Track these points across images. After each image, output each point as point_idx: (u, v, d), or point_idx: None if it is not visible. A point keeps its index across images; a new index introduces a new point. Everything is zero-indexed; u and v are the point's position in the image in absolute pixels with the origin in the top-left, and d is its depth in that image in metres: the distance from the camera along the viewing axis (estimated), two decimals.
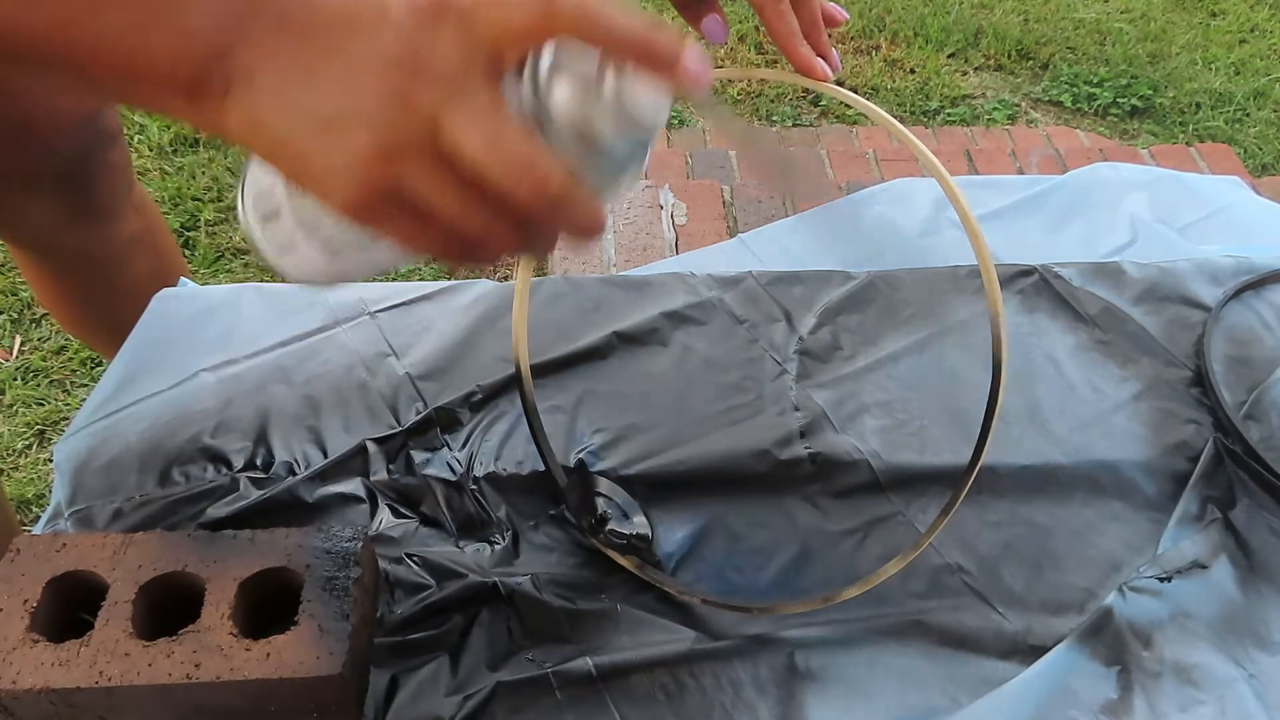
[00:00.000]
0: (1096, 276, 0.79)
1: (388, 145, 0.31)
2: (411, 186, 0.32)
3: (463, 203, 0.32)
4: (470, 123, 0.31)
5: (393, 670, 0.54)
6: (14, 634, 0.48)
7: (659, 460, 0.65)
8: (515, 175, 0.32)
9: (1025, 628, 0.57)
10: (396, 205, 0.33)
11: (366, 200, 0.32)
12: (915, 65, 2.41)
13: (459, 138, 0.31)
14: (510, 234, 0.34)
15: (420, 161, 0.32)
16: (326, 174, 0.32)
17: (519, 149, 0.32)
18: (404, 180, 0.32)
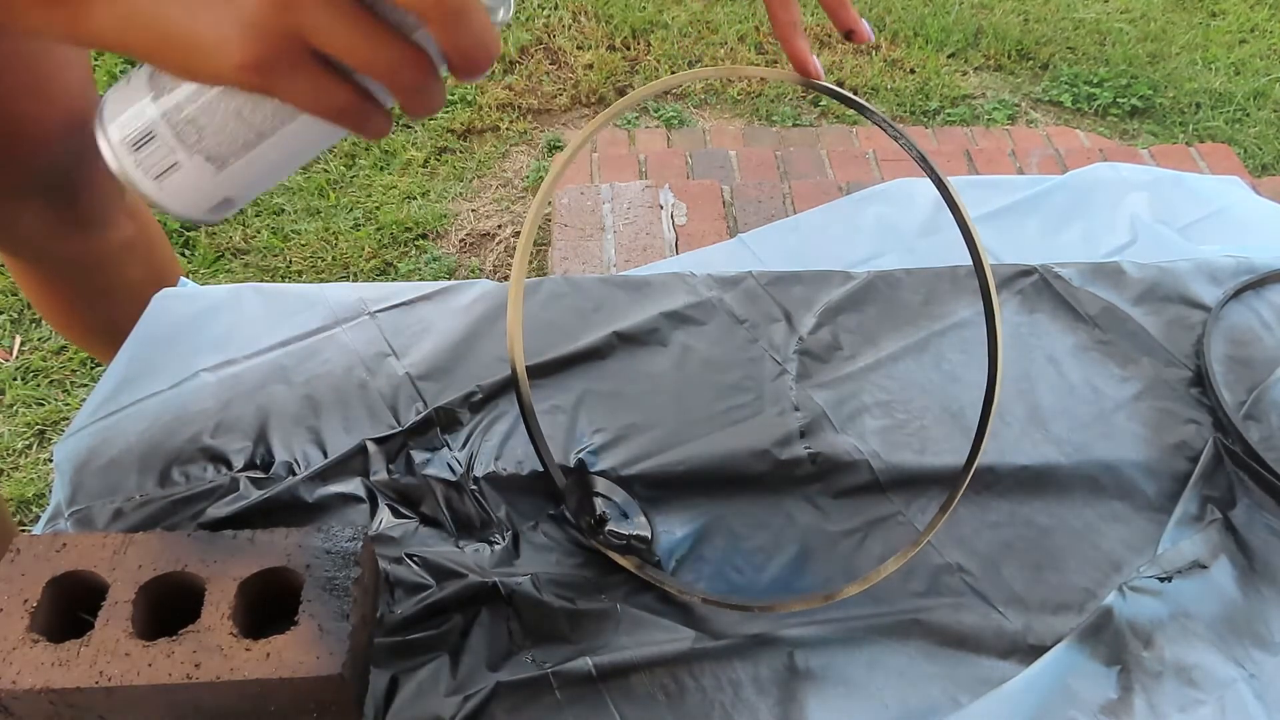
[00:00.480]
0: (1096, 276, 0.79)
1: None
2: (312, 33, 0.31)
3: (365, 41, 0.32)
4: None
5: (393, 670, 0.54)
6: (14, 634, 0.48)
7: (659, 460, 0.65)
8: None
9: (1025, 627, 0.57)
10: (298, 61, 0.32)
11: (269, 55, 0.31)
12: (915, 65, 2.41)
13: None
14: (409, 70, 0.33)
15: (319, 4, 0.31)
16: (219, 40, 0.31)
17: None
18: (304, 27, 0.31)
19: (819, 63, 0.50)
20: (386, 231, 1.89)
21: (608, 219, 1.62)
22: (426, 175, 2.05)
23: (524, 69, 2.36)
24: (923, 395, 0.70)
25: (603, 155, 1.94)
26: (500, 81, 2.31)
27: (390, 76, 0.33)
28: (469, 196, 2.01)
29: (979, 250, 0.46)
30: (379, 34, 0.32)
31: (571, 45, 2.41)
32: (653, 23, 2.47)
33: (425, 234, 1.91)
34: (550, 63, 2.38)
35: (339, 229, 1.89)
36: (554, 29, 2.46)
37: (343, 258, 1.84)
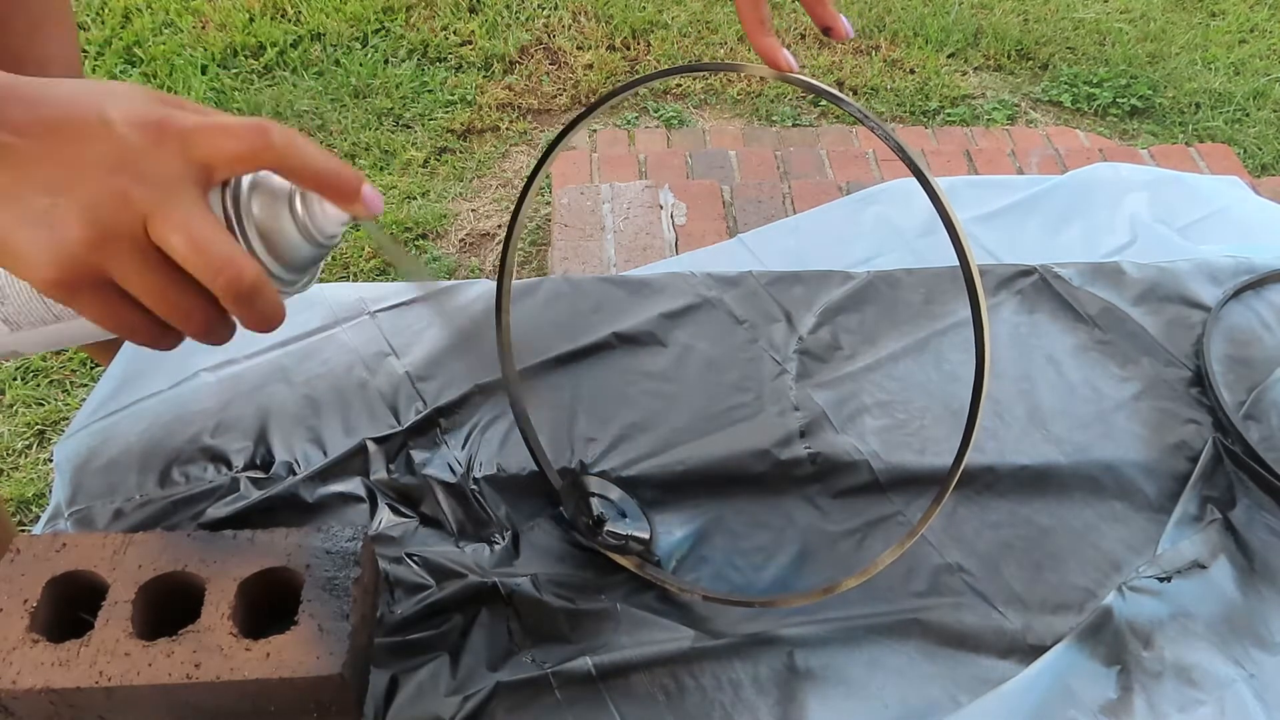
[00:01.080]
0: (1096, 276, 0.79)
1: (99, 234, 0.35)
2: (117, 271, 0.36)
3: (161, 289, 0.36)
4: (178, 221, 0.35)
5: (393, 670, 0.54)
6: (14, 634, 0.48)
7: (659, 460, 0.65)
8: (215, 267, 0.36)
9: (1025, 627, 0.57)
10: (99, 287, 0.36)
11: (70, 280, 0.35)
12: (915, 65, 2.41)
13: (167, 232, 0.35)
14: (199, 319, 0.38)
15: (128, 250, 0.35)
16: (32, 256, 0.35)
17: (220, 247, 0.36)
18: (109, 266, 0.35)
19: (791, 56, 0.50)
20: (386, 231, 1.89)
21: (608, 219, 1.62)
22: (426, 175, 2.05)
23: (524, 69, 2.36)
24: (923, 395, 0.70)
25: (603, 155, 1.94)
26: (500, 81, 2.31)
27: (181, 322, 0.38)
28: (469, 196, 2.01)
29: (964, 248, 0.45)
30: (176, 286, 0.37)
31: (571, 45, 2.41)
32: (653, 23, 2.47)
33: (425, 234, 1.91)
34: (550, 63, 2.38)
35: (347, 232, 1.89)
36: (554, 29, 2.46)
37: (342, 257, 1.84)
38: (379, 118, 2.18)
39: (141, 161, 0.35)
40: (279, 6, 2.43)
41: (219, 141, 0.36)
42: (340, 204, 0.39)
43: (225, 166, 0.37)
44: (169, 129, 0.36)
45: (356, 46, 2.37)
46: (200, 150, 0.36)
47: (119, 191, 0.35)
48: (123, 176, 0.35)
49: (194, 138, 0.36)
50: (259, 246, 0.38)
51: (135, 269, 0.36)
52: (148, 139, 0.36)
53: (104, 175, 0.35)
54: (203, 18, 2.38)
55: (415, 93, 2.25)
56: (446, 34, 2.42)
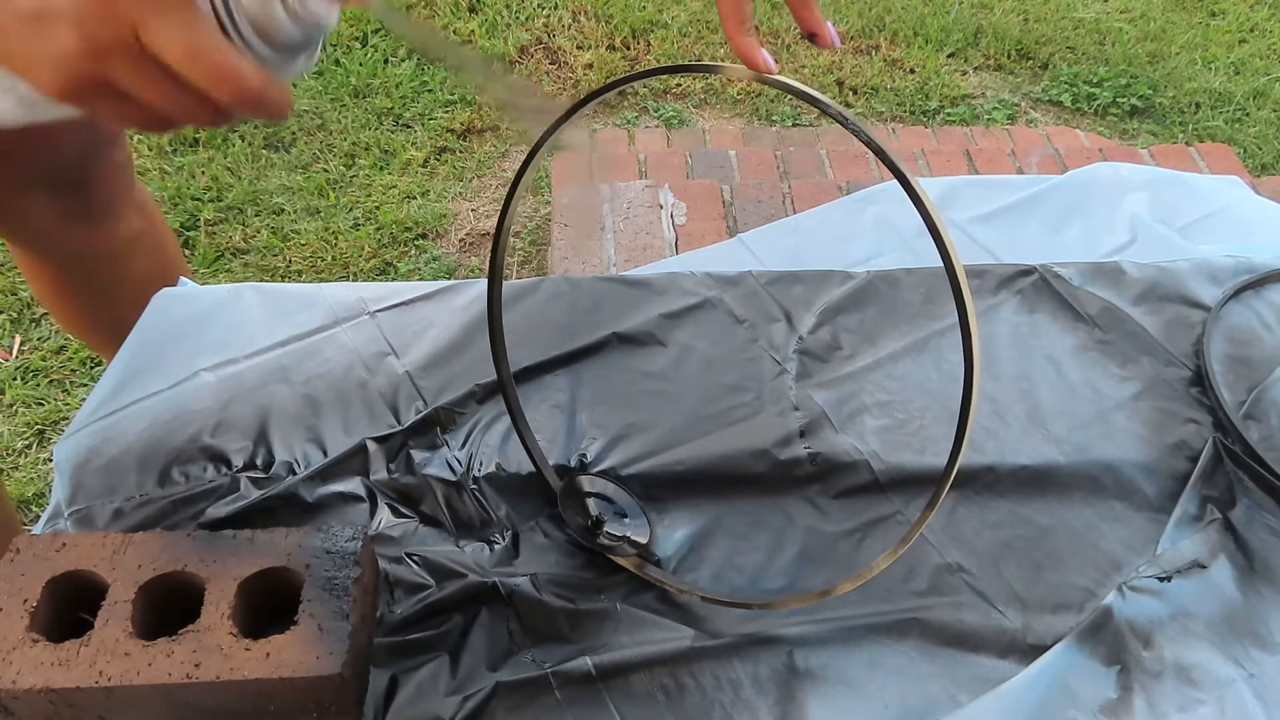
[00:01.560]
0: (1096, 276, 0.79)
1: (92, 44, 0.35)
2: (116, 78, 0.36)
3: (165, 93, 0.36)
4: (169, 33, 0.35)
5: (393, 670, 0.54)
6: (14, 634, 0.48)
7: (659, 460, 0.65)
8: (215, 79, 0.36)
9: (1025, 627, 0.57)
10: (103, 92, 0.36)
11: (74, 88, 0.36)
12: (915, 65, 2.41)
13: (160, 45, 0.35)
14: (207, 113, 0.38)
15: (124, 58, 0.35)
16: (34, 63, 0.35)
17: (216, 55, 0.35)
18: (109, 73, 0.35)
19: (769, 57, 0.49)
20: (386, 231, 1.89)
21: (608, 219, 1.62)
22: (426, 175, 2.05)
23: (524, 69, 2.36)
24: (922, 395, 0.70)
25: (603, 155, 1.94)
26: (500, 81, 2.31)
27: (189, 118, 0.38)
28: (469, 196, 2.01)
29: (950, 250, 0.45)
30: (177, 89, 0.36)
31: (571, 45, 2.41)
32: (652, 22, 2.47)
33: (425, 234, 1.91)
34: (550, 62, 2.38)
35: (339, 229, 1.89)
36: (554, 29, 2.47)
37: (342, 257, 1.84)
38: (379, 117, 2.18)
39: None
40: None
41: None
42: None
43: None
44: None
45: (356, 46, 2.37)
46: None
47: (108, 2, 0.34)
48: None
49: None
50: (252, 36, 0.38)
51: (134, 77, 0.36)
52: None
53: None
54: None
55: (415, 92, 2.25)
56: (446, 34, 2.42)
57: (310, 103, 2.19)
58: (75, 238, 0.93)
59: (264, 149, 2.08)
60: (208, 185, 1.88)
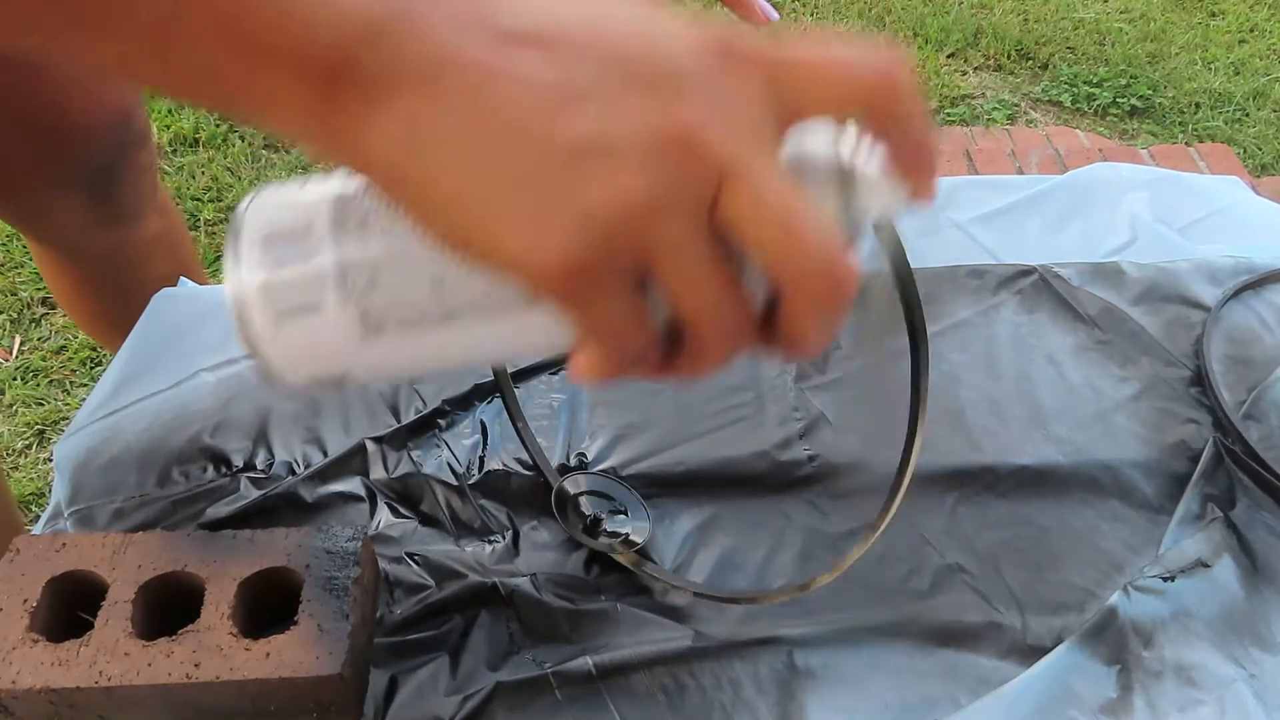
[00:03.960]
0: (1096, 276, 0.79)
1: (656, 198, 0.23)
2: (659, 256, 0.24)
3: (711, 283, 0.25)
4: (772, 189, 0.24)
5: (393, 670, 0.54)
6: (14, 634, 0.48)
7: (658, 460, 0.65)
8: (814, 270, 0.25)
9: (1025, 627, 0.57)
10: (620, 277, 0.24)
11: (591, 268, 0.24)
12: (915, 65, 2.41)
13: (757, 207, 0.24)
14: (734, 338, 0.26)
15: (687, 221, 0.24)
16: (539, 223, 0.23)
17: (821, 238, 0.25)
18: (655, 246, 0.24)
19: (769, 6, 0.44)
20: None
21: None
22: None
23: None
24: None
25: None
26: None
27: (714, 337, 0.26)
28: None
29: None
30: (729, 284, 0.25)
31: None
32: None
33: None
34: None
35: None
36: None
37: None
38: None
39: (715, 95, 0.24)
40: None
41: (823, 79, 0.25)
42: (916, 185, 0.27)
43: (816, 109, 0.26)
44: (746, 55, 0.25)
45: None
46: (793, 88, 0.25)
47: (688, 134, 0.23)
48: (691, 112, 0.23)
49: (787, 69, 0.25)
50: None
51: (691, 251, 0.24)
52: (718, 64, 0.24)
53: (662, 108, 0.23)
54: None
55: None
56: None
57: None
58: (101, 239, 0.93)
59: (264, 149, 2.08)
60: (208, 185, 1.88)
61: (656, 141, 0.23)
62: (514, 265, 0.24)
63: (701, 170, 0.23)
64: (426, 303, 0.27)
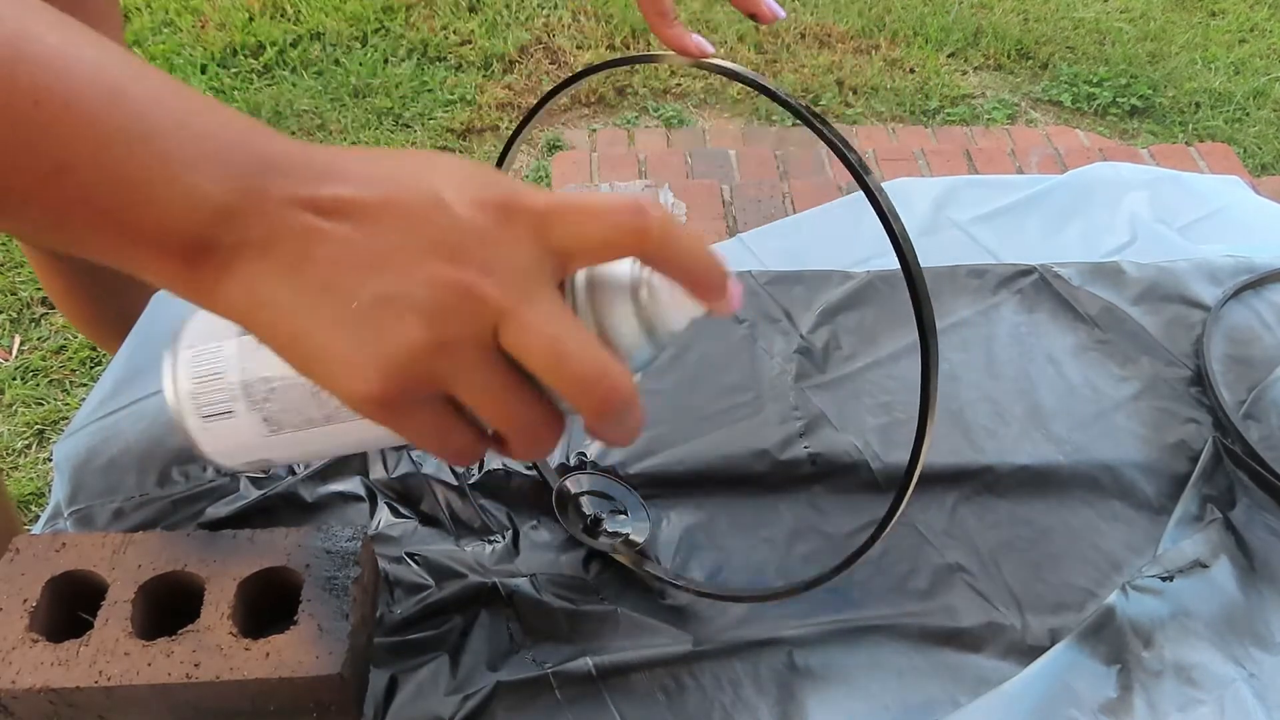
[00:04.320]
0: (1096, 276, 0.79)
1: (442, 339, 0.28)
2: (455, 382, 0.30)
3: (506, 401, 0.30)
4: (539, 324, 0.29)
5: (393, 670, 0.54)
6: (14, 634, 0.48)
7: (658, 459, 0.65)
8: (586, 381, 0.30)
9: (1025, 627, 0.57)
10: (428, 401, 0.30)
11: (398, 396, 0.29)
12: (915, 65, 2.41)
13: (527, 337, 0.29)
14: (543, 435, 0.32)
15: (474, 357, 0.29)
16: (351, 363, 0.29)
17: (590, 355, 0.30)
18: (450, 375, 0.29)
19: (703, 41, 0.45)
20: None
21: None
22: None
23: (524, 69, 2.36)
24: None
25: (602, 155, 1.94)
26: (500, 81, 2.31)
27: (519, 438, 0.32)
28: None
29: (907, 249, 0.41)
30: (523, 399, 0.31)
31: (571, 45, 2.41)
32: None
33: None
34: (550, 62, 2.38)
35: None
36: (554, 28, 2.46)
37: None
38: (379, 117, 2.18)
39: (490, 249, 0.29)
40: (278, 6, 2.43)
41: (583, 226, 0.30)
42: (705, 300, 0.33)
43: (587, 256, 0.31)
44: (518, 210, 0.30)
45: (356, 46, 2.37)
46: (559, 236, 0.30)
47: (466, 286, 0.29)
48: (469, 268, 0.29)
49: (552, 221, 0.30)
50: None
51: (480, 379, 0.30)
52: (494, 221, 0.30)
53: (445, 265, 0.29)
54: (202, 17, 2.38)
55: (415, 92, 2.25)
56: (446, 33, 2.42)
57: (310, 103, 2.19)
58: None
59: None
60: None
61: (441, 295, 0.29)
62: (340, 394, 0.30)
63: (479, 313, 0.29)
64: (310, 409, 0.34)
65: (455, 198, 0.30)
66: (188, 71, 2.21)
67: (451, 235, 0.29)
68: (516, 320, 0.29)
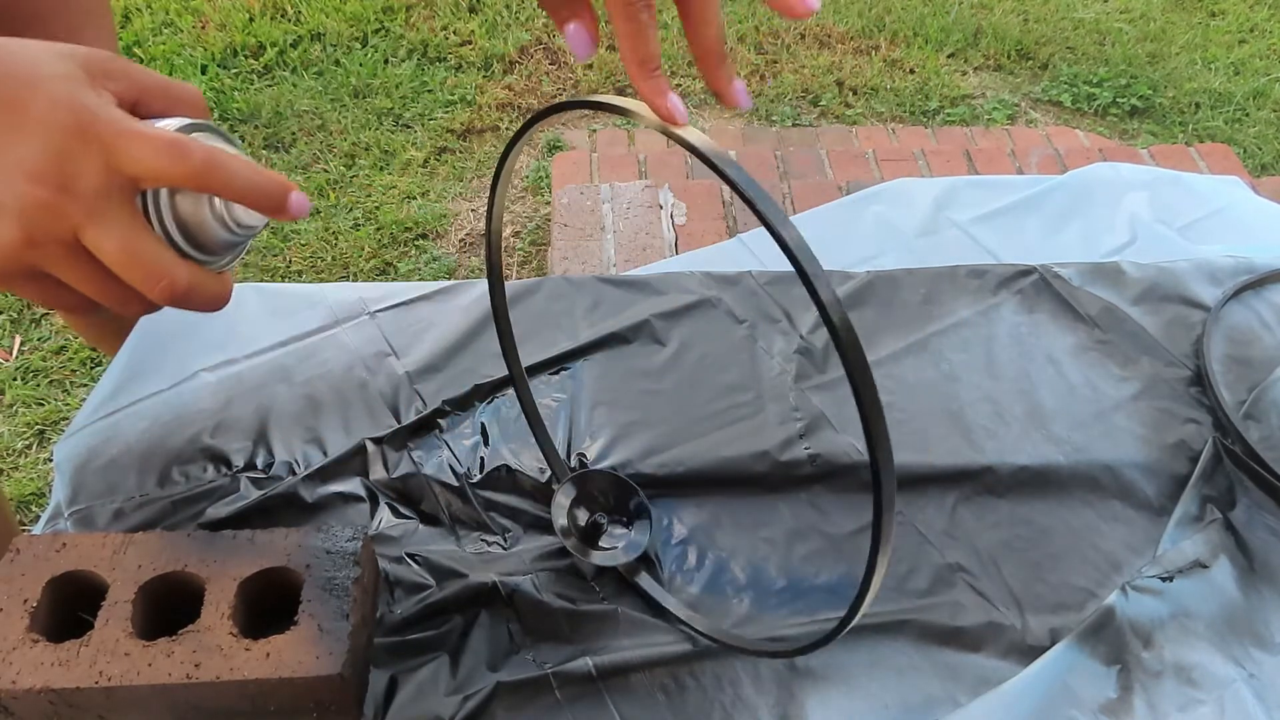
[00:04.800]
0: (1096, 276, 0.79)
1: (32, 238, 0.36)
2: (51, 266, 0.37)
3: (98, 287, 0.38)
4: (109, 235, 0.36)
5: (393, 670, 0.54)
6: (14, 634, 0.48)
7: (658, 460, 0.65)
8: (150, 279, 0.37)
9: (1025, 627, 0.57)
10: (36, 277, 0.38)
11: (7, 275, 0.37)
12: (915, 65, 2.41)
13: (100, 246, 0.37)
14: (137, 304, 0.39)
15: (62, 254, 0.37)
16: None
17: (151, 257, 0.37)
18: (45, 262, 0.37)
19: (680, 105, 0.40)
20: (386, 231, 1.90)
21: (608, 219, 1.62)
22: (426, 175, 2.05)
23: (524, 69, 2.36)
24: (922, 395, 0.70)
25: (602, 155, 1.94)
26: (500, 81, 2.31)
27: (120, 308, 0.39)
28: (469, 196, 2.02)
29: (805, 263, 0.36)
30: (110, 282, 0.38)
31: None
32: None
33: (425, 234, 1.91)
34: (550, 63, 2.38)
35: (339, 229, 1.89)
36: (554, 29, 2.46)
37: (342, 257, 1.84)
38: (379, 117, 2.18)
39: (67, 171, 0.36)
40: (279, 6, 2.43)
41: (142, 156, 0.36)
42: (270, 215, 0.40)
43: (149, 181, 0.37)
44: (91, 135, 0.36)
45: (356, 46, 2.37)
46: (123, 163, 0.36)
47: (46, 202, 0.36)
48: (48, 187, 0.36)
49: (117, 148, 0.36)
50: (179, 238, 0.39)
51: (69, 268, 0.37)
52: (72, 144, 0.36)
53: (31, 184, 0.35)
54: (202, 18, 2.38)
55: (415, 93, 2.25)
56: (446, 34, 2.42)
57: (310, 103, 2.19)
58: None
59: (264, 149, 2.08)
60: None
61: (27, 207, 0.36)
62: None
63: (59, 223, 0.36)
64: None
65: (44, 112, 0.36)
66: (188, 72, 2.21)
67: (37, 157, 0.35)
68: (89, 231, 0.36)
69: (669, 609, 0.57)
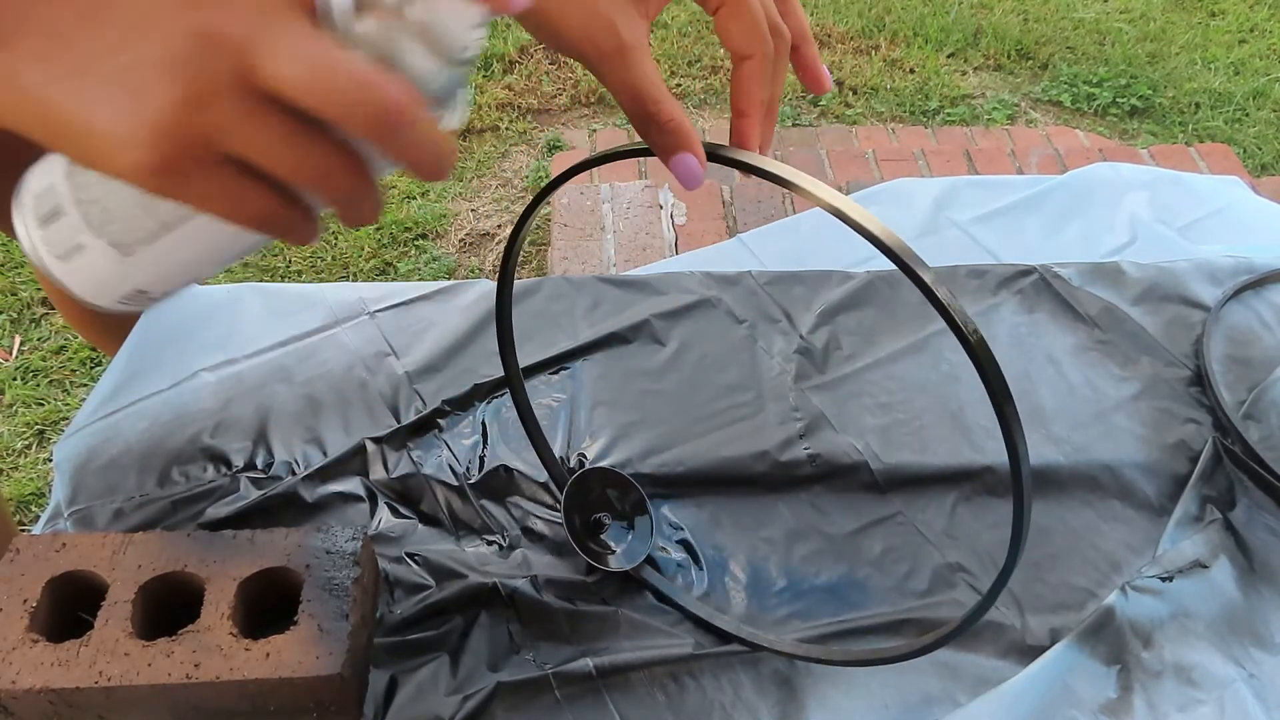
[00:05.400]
0: (1096, 276, 0.79)
1: (197, 91, 0.27)
2: (228, 135, 0.27)
3: (288, 143, 0.28)
4: (291, 51, 0.27)
5: (393, 670, 0.54)
6: (14, 634, 0.48)
7: (658, 460, 0.65)
8: (351, 94, 0.27)
9: (1024, 627, 0.57)
10: (210, 164, 0.28)
11: (173, 160, 0.27)
12: (915, 65, 2.41)
13: (281, 69, 0.27)
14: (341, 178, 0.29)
15: (237, 104, 0.27)
16: (118, 136, 0.27)
17: (350, 69, 0.27)
18: (219, 129, 0.27)
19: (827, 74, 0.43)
20: (386, 231, 1.90)
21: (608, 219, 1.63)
22: None
23: (523, 69, 2.36)
24: (922, 395, 0.70)
25: None
26: (500, 81, 2.31)
27: (318, 185, 0.29)
28: (468, 196, 2.01)
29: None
30: (305, 138, 0.28)
31: None
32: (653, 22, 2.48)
33: (425, 234, 1.91)
34: (550, 62, 2.38)
35: (338, 228, 1.89)
36: None
37: (342, 257, 1.84)
38: None
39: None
40: None
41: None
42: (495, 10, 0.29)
43: None
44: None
45: None
46: None
47: (207, 30, 0.27)
48: (202, 9, 0.27)
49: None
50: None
51: (251, 124, 0.27)
52: None
53: (182, 10, 0.27)
54: None
55: None
56: None
57: None
58: None
59: None
60: None
61: (181, 45, 0.27)
62: (124, 176, 0.28)
63: (226, 54, 0.27)
64: (144, 219, 0.32)
65: None
66: None
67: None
68: (266, 50, 0.27)
69: (690, 610, 0.57)
